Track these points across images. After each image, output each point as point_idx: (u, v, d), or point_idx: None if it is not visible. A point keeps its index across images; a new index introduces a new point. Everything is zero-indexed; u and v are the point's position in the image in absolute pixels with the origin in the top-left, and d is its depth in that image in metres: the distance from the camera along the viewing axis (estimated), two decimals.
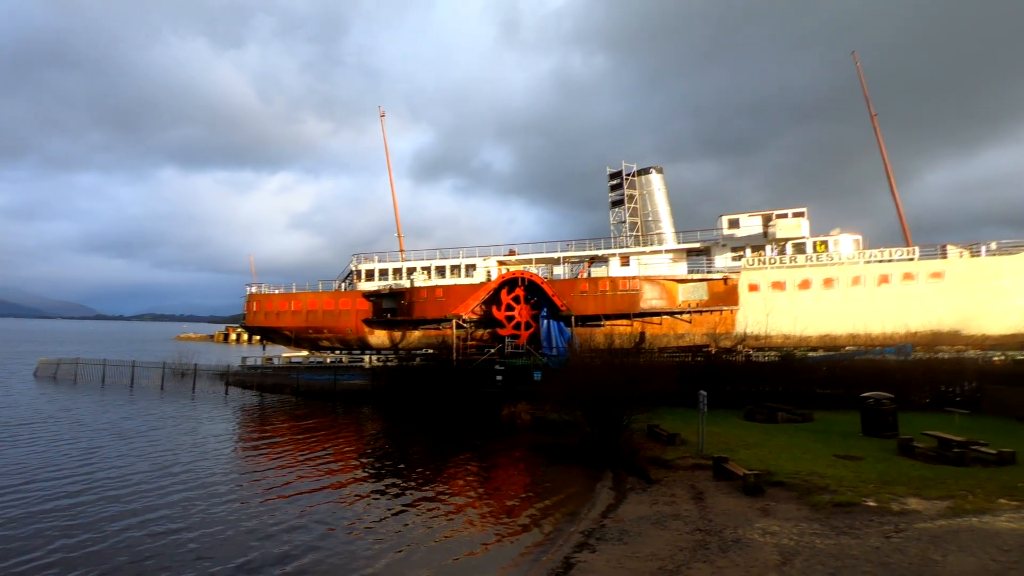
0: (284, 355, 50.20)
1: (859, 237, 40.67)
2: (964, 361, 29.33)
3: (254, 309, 49.60)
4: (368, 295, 46.79)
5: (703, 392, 19.20)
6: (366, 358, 44.80)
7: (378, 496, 16.95)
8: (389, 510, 15.69)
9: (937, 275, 36.84)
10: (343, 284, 50.13)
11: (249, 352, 62.41)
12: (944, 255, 37.72)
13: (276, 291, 50.41)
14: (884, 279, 37.40)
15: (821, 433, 21.29)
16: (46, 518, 14.38)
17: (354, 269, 49.69)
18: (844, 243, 40.02)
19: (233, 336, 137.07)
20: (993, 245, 37.83)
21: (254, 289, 51.03)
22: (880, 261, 38.15)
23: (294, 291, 49.46)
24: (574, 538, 12.60)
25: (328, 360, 47.20)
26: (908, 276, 37.16)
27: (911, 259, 37.81)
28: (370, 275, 48.96)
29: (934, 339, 35.30)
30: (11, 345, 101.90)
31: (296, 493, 17.10)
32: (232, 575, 11.46)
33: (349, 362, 45.20)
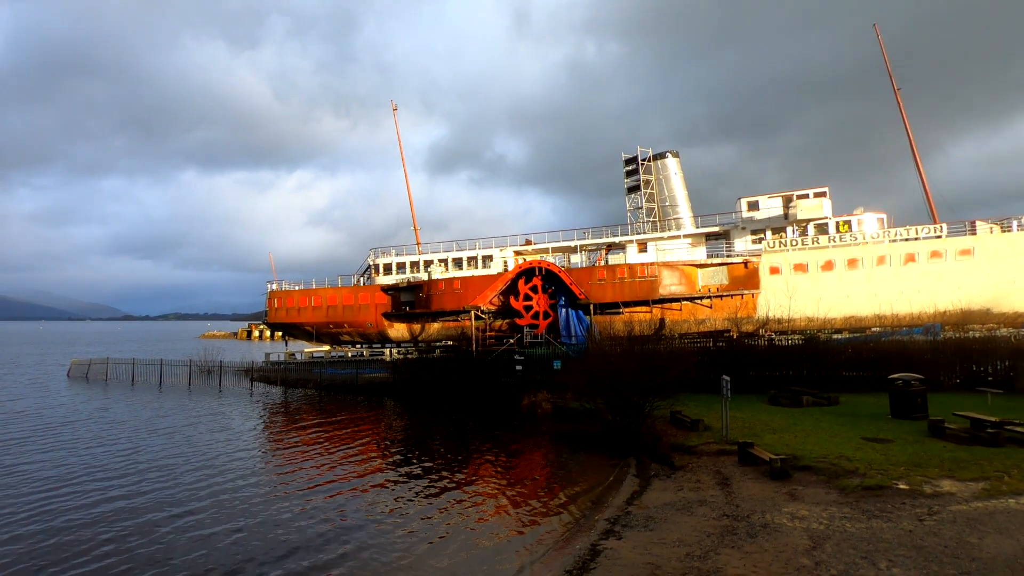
0: (306, 350, 50.88)
1: (884, 215, 39.70)
2: (996, 340, 28.52)
3: (275, 306, 50.33)
4: (387, 289, 47.13)
5: (726, 377, 18.96)
6: (386, 351, 45.19)
7: (407, 487, 17.14)
8: (419, 501, 15.87)
9: (966, 252, 35.82)
10: (362, 279, 50.57)
11: (272, 348, 63.44)
12: (973, 231, 36.62)
13: (296, 287, 51.06)
14: (911, 258, 36.49)
15: (848, 416, 20.92)
16: (102, 521, 14.44)
17: (372, 263, 50.07)
18: (868, 222, 39.10)
19: (256, 333, 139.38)
20: None
21: (275, 286, 51.75)
22: (906, 240, 37.22)
23: (314, 287, 50.03)
24: (600, 525, 12.60)
25: (349, 354, 47.75)
26: (936, 254, 36.20)
27: (939, 236, 36.81)
28: (388, 269, 49.29)
29: (964, 318, 34.39)
30: (45, 347, 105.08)
31: (329, 484, 17.40)
32: (279, 563, 11.73)
33: (370, 356, 45.64)
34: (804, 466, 14.99)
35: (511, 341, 39.27)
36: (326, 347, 51.11)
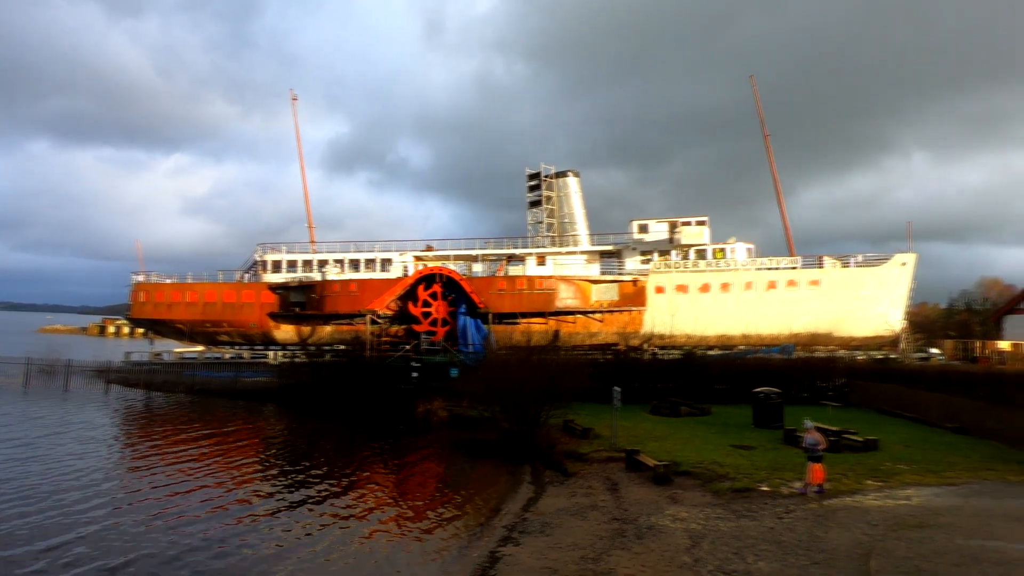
0: (176, 350, 46.18)
1: (752, 246, 44.46)
2: (835, 360, 33.03)
3: (141, 300, 45.20)
4: (275, 287, 44.22)
5: (617, 388, 20.12)
6: (271, 354, 42.34)
7: (289, 500, 16.10)
8: (297, 513, 14.95)
9: (815, 283, 41.15)
10: (246, 275, 46.99)
11: (133, 346, 56.72)
12: (821, 265, 42.21)
13: (168, 280, 46.26)
14: (772, 285, 41.16)
15: (719, 425, 23.06)
16: None
17: (259, 260, 46.73)
18: (739, 251, 43.57)
19: (112, 329, 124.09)
20: (860, 258, 42.93)
21: (141, 278, 46.50)
22: (769, 268, 41.96)
23: (189, 281, 45.63)
24: (498, 532, 12.77)
25: (227, 356, 44.06)
26: (792, 283, 41.17)
27: (795, 268, 41.95)
28: (277, 266, 46.27)
29: (812, 340, 39.45)
30: None
31: (199, 502, 15.83)
32: None
33: (252, 358, 42.48)
34: (683, 471, 16.29)
35: (407, 348, 38.55)
36: (200, 347, 46.73)
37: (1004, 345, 39.68)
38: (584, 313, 41.26)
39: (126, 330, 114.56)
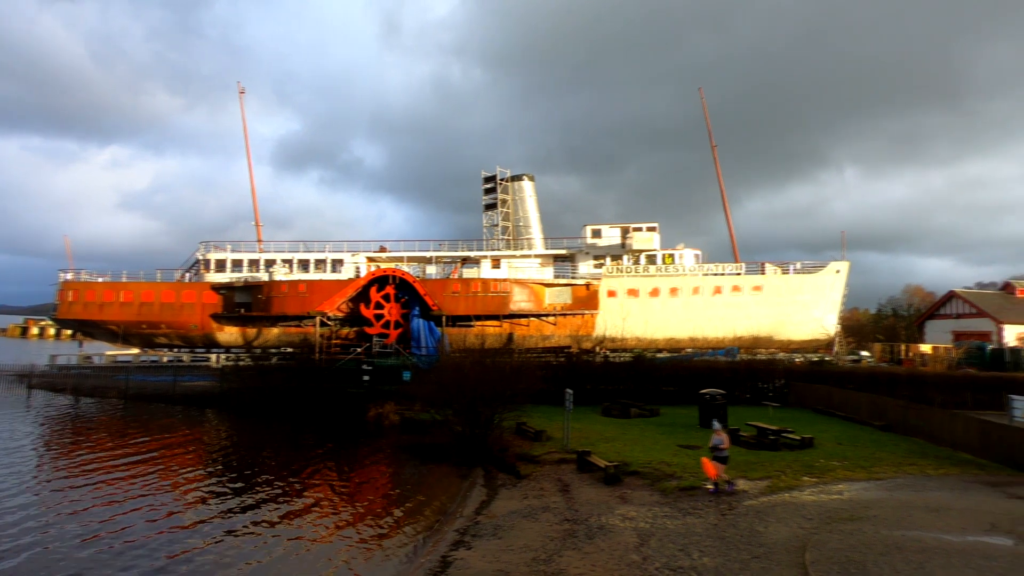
0: (108, 353, 43.58)
1: (699, 252, 46.03)
2: (776, 362, 34.61)
3: (70, 299, 42.45)
4: (218, 287, 42.45)
5: (569, 391, 20.39)
6: (213, 357, 40.60)
7: (229, 509, 15.46)
8: (244, 523, 14.39)
9: (758, 288, 43.01)
10: (188, 274, 44.90)
11: (60, 349, 53.08)
12: (763, 272, 44.16)
13: (100, 279, 43.64)
14: (717, 290, 42.75)
15: (667, 426, 23.73)
16: None
17: (202, 258, 44.74)
18: (687, 257, 45.03)
19: (35, 330, 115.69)
20: (798, 265, 45.20)
21: (70, 276, 43.69)
22: (715, 274, 43.55)
23: (124, 280, 43.21)
24: (449, 536, 12.67)
25: (165, 359, 41.94)
26: (736, 288, 42.88)
27: (739, 274, 43.71)
28: (221, 265, 44.43)
29: (755, 343, 41.19)
30: None
31: (128, 511, 14.98)
32: None
33: (192, 361, 40.59)
34: (633, 471, 16.66)
35: (359, 350, 37.81)
36: (135, 350, 44.29)
37: (925, 348, 42.63)
38: (538, 316, 41.61)
39: (52, 332, 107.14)
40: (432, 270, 45.80)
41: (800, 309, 43.00)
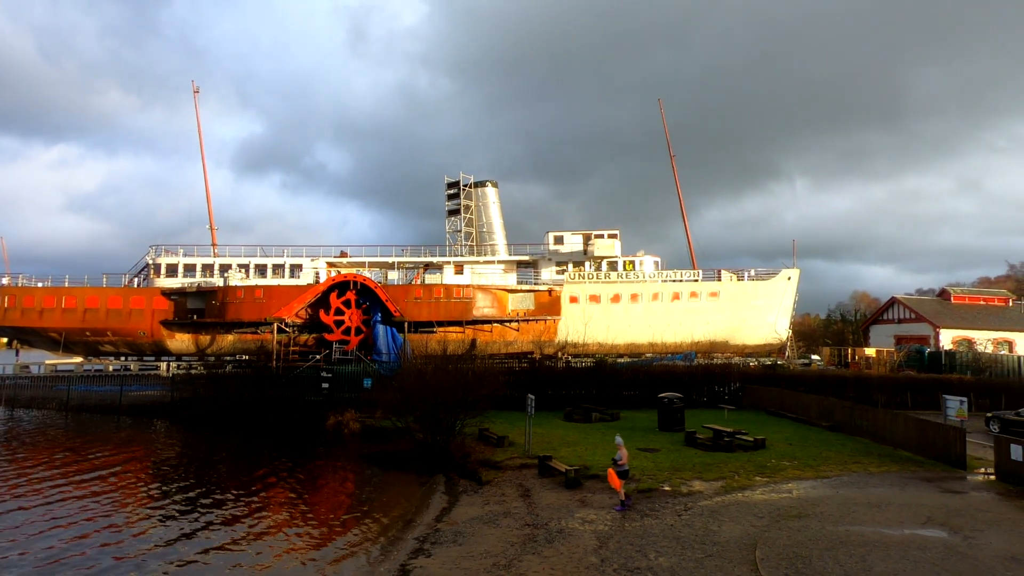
0: (48, 362, 41.33)
1: (658, 259, 47.13)
2: (731, 366, 35.68)
3: (5, 305, 40.16)
4: (169, 293, 40.91)
5: (531, 396, 20.50)
6: (163, 365, 39.03)
7: (183, 524, 14.86)
8: (198, 538, 13.87)
9: (714, 294, 44.30)
10: (136, 279, 43.12)
11: None
12: (719, 278, 45.53)
13: (40, 284, 41.45)
14: (676, 296, 43.82)
15: (627, 430, 24.07)
16: None
17: (152, 263, 43.06)
18: (647, 264, 46.03)
19: None
20: (752, 272, 46.82)
21: (6, 281, 41.36)
22: (674, 281, 44.65)
23: (67, 285, 41.17)
24: (409, 544, 12.55)
25: (111, 368, 40.05)
26: (694, 295, 44.06)
27: (696, 280, 44.94)
28: (172, 270, 42.86)
29: (711, 347, 42.36)
30: None
31: (70, 531, 14.22)
32: None
33: (140, 370, 38.89)
34: (593, 475, 16.88)
35: (318, 357, 37.07)
36: (78, 359, 42.16)
37: (870, 352, 44.76)
38: (501, 322, 41.70)
39: None
40: (394, 276, 45.37)
41: (754, 314, 44.50)
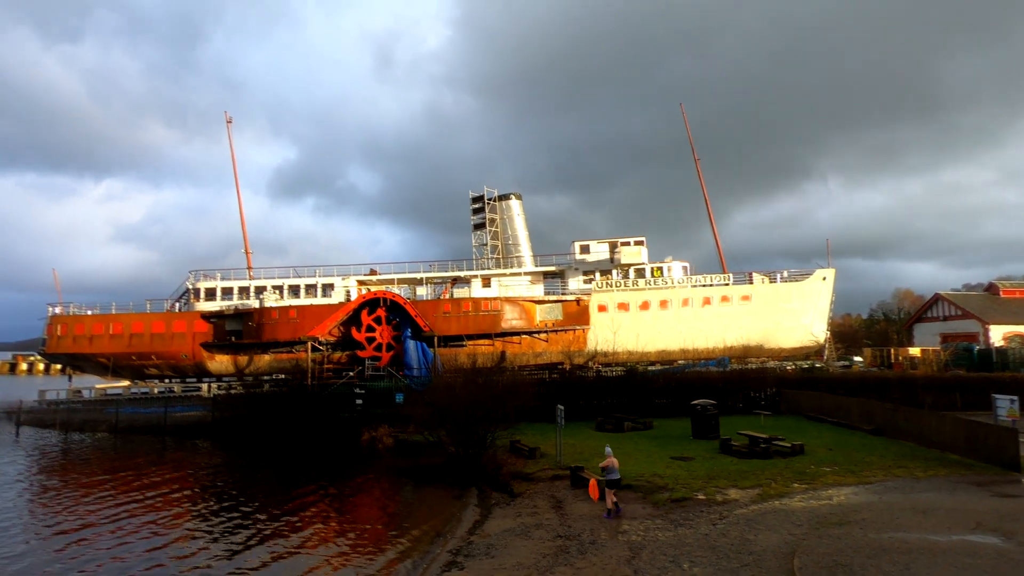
0: (98, 386, 43.15)
1: (687, 264, 46.47)
2: (766, 370, 34.85)
3: (58, 333, 42.14)
4: (209, 316, 42.32)
5: (560, 407, 20.45)
6: (204, 386, 40.29)
7: (225, 540, 15.34)
8: (240, 554, 14.28)
9: (746, 298, 43.40)
10: (178, 304, 44.77)
11: (49, 384, 52.49)
12: (751, 281, 44.59)
13: (89, 312, 43.42)
14: (707, 301, 43.09)
15: (660, 438, 23.79)
16: None
17: (192, 287, 44.67)
18: (676, 269, 45.44)
19: (24, 366, 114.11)
20: (785, 273, 45.71)
21: (59, 310, 43.43)
22: (704, 286, 43.92)
23: (114, 312, 43.01)
24: (442, 557, 12.65)
25: (156, 390, 41.55)
26: (725, 299, 43.25)
27: (727, 284, 44.11)
28: (211, 294, 44.35)
29: (745, 352, 41.43)
30: None
31: (122, 549, 14.82)
32: None
33: (183, 391, 40.25)
34: (626, 485, 16.67)
35: (351, 374, 37.73)
36: (125, 382, 43.89)
37: (915, 351, 43.05)
38: (529, 333, 41.71)
39: (41, 367, 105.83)
40: (423, 291, 45.92)
41: (789, 317, 43.38)
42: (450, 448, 21.86)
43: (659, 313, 42.61)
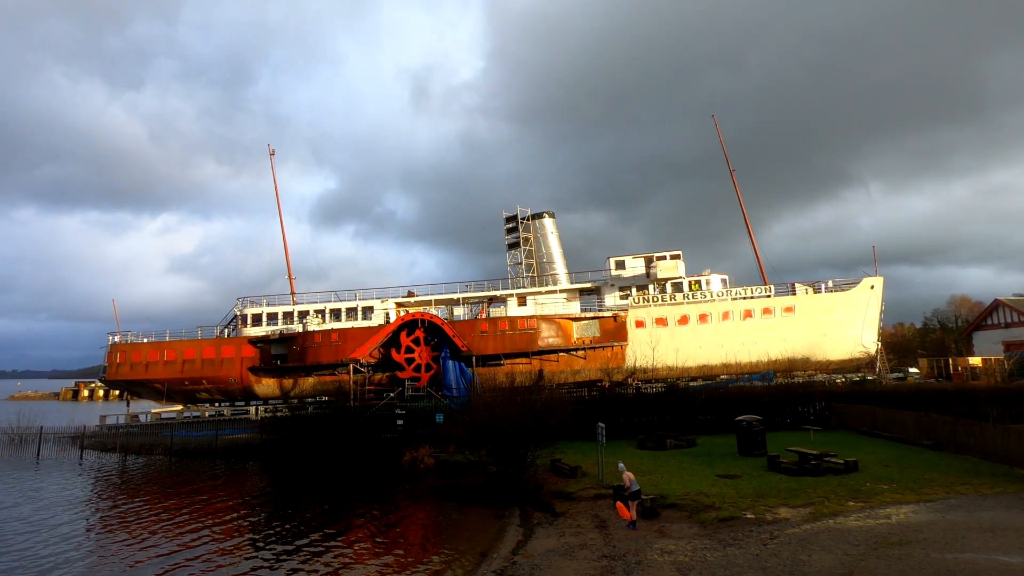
0: (154, 411, 45.08)
1: (726, 277, 45.56)
2: (814, 384, 33.63)
3: (117, 361, 44.33)
4: (255, 341, 43.83)
5: (601, 424, 20.27)
6: (252, 409, 41.57)
7: (272, 560, 15.76)
8: (293, 572, 14.65)
9: (789, 309, 42.18)
10: (226, 330, 46.56)
11: (109, 409, 55.18)
12: (794, 292, 43.36)
13: (145, 340, 45.59)
14: (748, 314, 42.07)
15: (704, 456, 23.22)
16: None
17: (239, 314, 46.43)
18: (714, 282, 44.60)
19: (86, 392, 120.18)
20: (830, 283, 44.27)
21: (117, 339, 45.75)
22: (744, 298, 42.94)
23: (168, 339, 45.03)
24: None
25: (207, 414, 43.11)
26: (767, 311, 42.14)
27: (768, 296, 43.01)
28: (257, 320, 45.95)
29: (790, 365, 40.13)
30: None
31: (178, 565, 15.42)
32: None
33: (232, 414, 41.61)
34: (670, 504, 16.38)
35: (392, 395, 38.28)
36: (178, 407, 45.72)
37: (975, 361, 40.83)
38: (567, 351, 41.53)
39: (101, 393, 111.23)
40: (460, 311, 46.40)
41: (835, 328, 41.88)
42: (491, 468, 21.89)
43: (699, 327, 41.82)
